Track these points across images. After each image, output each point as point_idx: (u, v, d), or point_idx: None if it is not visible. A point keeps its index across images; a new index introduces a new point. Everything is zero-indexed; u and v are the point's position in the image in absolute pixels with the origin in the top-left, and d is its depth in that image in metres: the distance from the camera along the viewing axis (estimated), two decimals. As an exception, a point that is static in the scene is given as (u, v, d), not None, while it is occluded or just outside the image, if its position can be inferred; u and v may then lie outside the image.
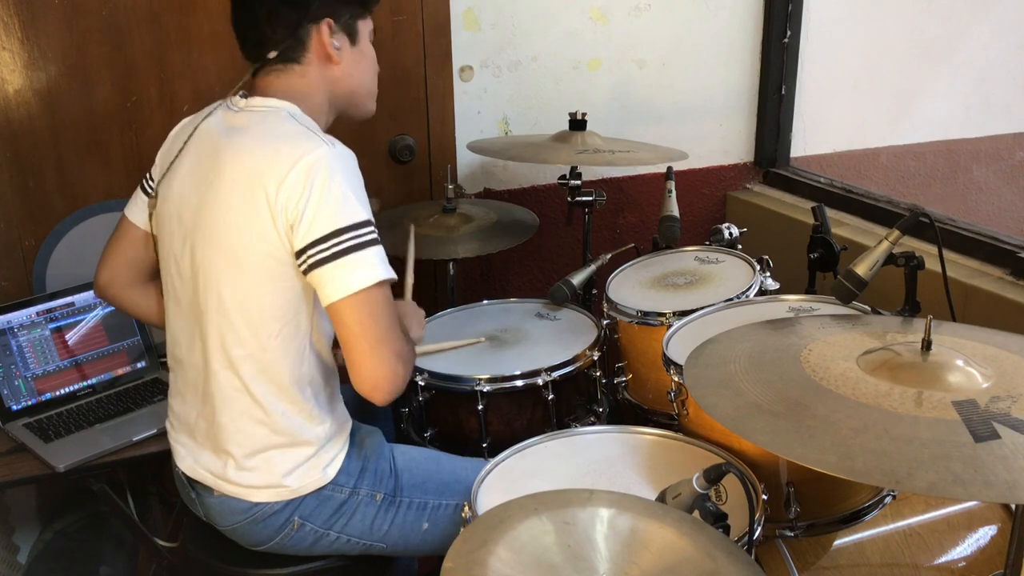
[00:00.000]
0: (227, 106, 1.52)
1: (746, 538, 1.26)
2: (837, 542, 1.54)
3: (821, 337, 1.40)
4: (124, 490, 2.04)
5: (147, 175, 1.63)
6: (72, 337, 2.00)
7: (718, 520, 1.17)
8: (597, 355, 1.85)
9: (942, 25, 3.06)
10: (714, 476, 1.20)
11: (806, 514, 1.45)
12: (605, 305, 1.95)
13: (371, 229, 1.38)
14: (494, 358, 1.87)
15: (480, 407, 1.75)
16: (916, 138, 3.16)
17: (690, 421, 1.58)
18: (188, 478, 1.58)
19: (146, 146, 2.14)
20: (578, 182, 2.25)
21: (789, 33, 2.81)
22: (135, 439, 1.82)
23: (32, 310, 1.96)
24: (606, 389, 1.92)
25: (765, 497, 1.35)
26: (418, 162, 2.43)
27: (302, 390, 1.49)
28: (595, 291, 2.19)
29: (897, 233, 1.55)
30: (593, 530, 1.12)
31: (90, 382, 2.01)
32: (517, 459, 1.52)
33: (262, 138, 1.42)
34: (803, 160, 2.99)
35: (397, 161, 2.40)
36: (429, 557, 1.67)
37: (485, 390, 1.75)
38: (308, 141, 1.39)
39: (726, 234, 2.17)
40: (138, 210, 1.62)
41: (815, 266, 2.02)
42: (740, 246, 2.15)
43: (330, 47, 1.50)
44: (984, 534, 1.59)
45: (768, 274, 1.95)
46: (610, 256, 2.18)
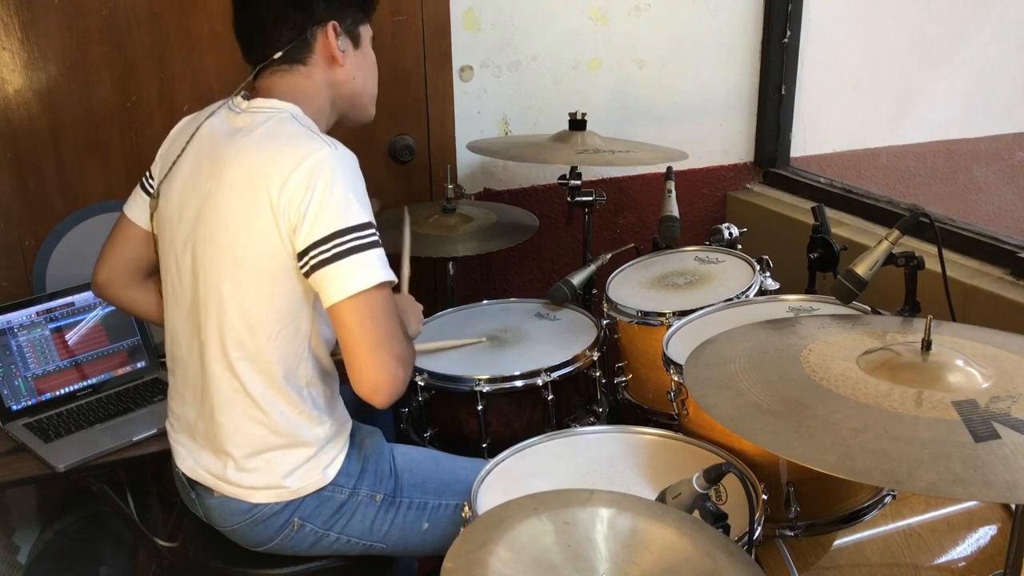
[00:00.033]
0: (229, 107, 1.52)
1: (746, 538, 1.26)
2: (837, 542, 1.54)
3: (821, 337, 1.40)
4: (124, 490, 2.04)
5: (147, 174, 1.63)
6: (72, 337, 2.00)
7: (718, 520, 1.17)
8: (597, 355, 1.85)
9: (942, 25, 3.06)
10: (714, 476, 1.20)
11: (806, 514, 1.45)
12: (605, 305, 1.94)
13: (372, 231, 1.38)
14: (494, 358, 1.87)
15: (480, 407, 1.75)
16: (916, 138, 3.16)
17: (690, 421, 1.58)
18: (188, 479, 1.58)
19: (146, 146, 2.14)
20: (578, 182, 2.25)
21: (789, 33, 2.81)
22: (135, 439, 1.83)
23: (32, 310, 1.96)
24: (606, 389, 1.92)
25: (765, 497, 1.35)
26: (418, 162, 2.43)
27: (301, 391, 1.49)
28: (595, 291, 2.19)
29: (897, 233, 1.55)
30: (593, 530, 1.12)
31: (90, 382, 2.01)
32: (517, 459, 1.52)
33: (265, 139, 1.42)
34: (803, 160, 2.99)
35: (397, 161, 2.40)
36: (429, 557, 1.67)
37: (485, 390, 1.75)
38: (311, 143, 1.39)
39: (726, 234, 2.17)
40: (138, 209, 1.62)
41: (815, 266, 2.02)
42: (740, 246, 2.15)
43: (335, 49, 1.51)
44: (984, 534, 1.59)
45: (768, 274, 1.95)
46: (610, 256, 2.18)
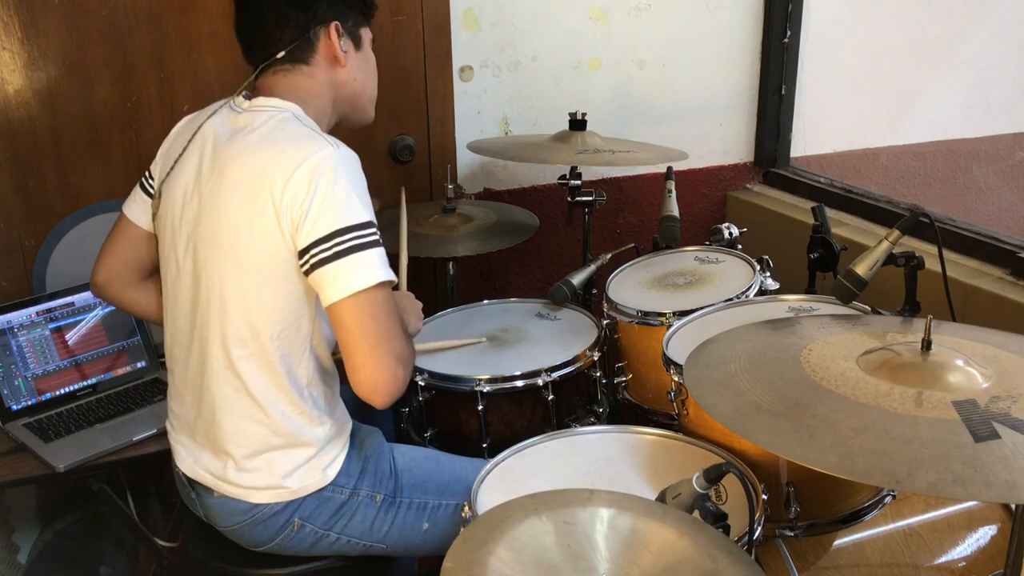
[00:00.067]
0: (230, 106, 1.52)
1: (746, 538, 1.26)
2: (837, 542, 1.54)
3: (821, 337, 1.40)
4: (124, 490, 2.04)
5: (147, 174, 1.63)
6: (72, 337, 2.00)
7: (718, 520, 1.17)
8: (597, 355, 1.85)
9: (942, 25, 3.06)
10: (714, 476, 1.20)
11: (806, 514, 1.45)
12: (605, 305, 1.94)
13: (373, 231, 1.38)
14: (494, 358, 1.87)
15: (480, 407, 1.75)
16: (916, 138, 3.16)
17: (690, 421, 1.58)
18: (188, 478, 1.58)
19: (146, 146, 2.14)
20: (578, 182, 2.25)
21: (789, 33, 2.81)
22: (135, 439, 1.82)
23: (32, 310, 1.96)
24: (606, 389, 1.92)
25: (765, 497, 1.35)
26: (418, 162, 2.43)
27: (302, 391, 1.49)
28: (595, 291, 2.19)
29: (897, 233, 1.55)
30: (593, 530, 1.12)
31: (90, 382, 2.01)
32: (517, 459, 1.52)
33: (267, 139, 1.42)
34: (803, 160, 2.99)
35: (397, 161, 2.40)
36: (429, 557, 1.67)
37: (485, 390, 1.75)
38: (313, 142, 1.40)
39: (726, 234, 2.17)
40: (137, 209, 1.62)
41: (815, 266, 2.02)
42: (740, 246, 2.15)
43: (338, 49, 1.52)
44: (984, 534, 1.59)
45: (768, 274, 1.95)
46: (610, 256, 2.18)
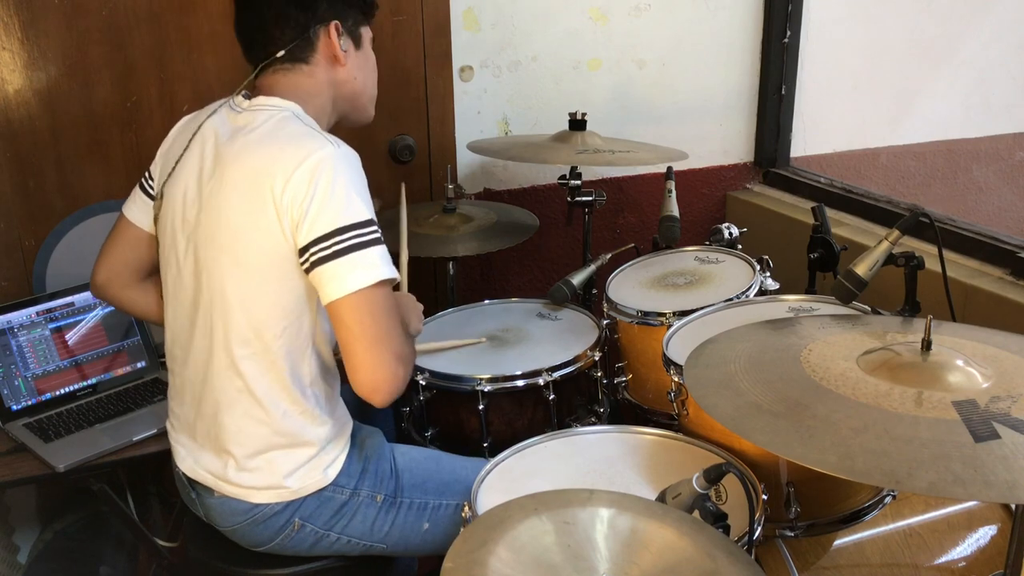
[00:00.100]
0: (230, 106, 1.52)
1: (746, 538, 1.26)
2: (837, 542, 1.54)
3: (821, 337, 1.40)
4: (124, 490, 2.04)
5: (147, 175, 1.63)
6: (72, 337, 2.00)
7: (718, 520, 1.17)
8: (598, 355, 1.85)
9: (942, 25, 3.06)
10: (714, 476, 1.20)
11: (806, 514, 1.45)
12: (605, 305, 1.94)
13: (374, 229, 1.38)
14: (495, 358, 1.87)
15: (481, 407, 1.75)
16: (916, 138, 3.16)
17: (690, 421, 1.58)
18: (188, 478, 1.58)
19: (146, 146, 2.14)
20: (578, 182, 2.25)
21: (789, 33, 2.81)
22: (135, 439, 1.82)
23: (32, 310, 1.96)
24: (607, 389, 1.92)
25: (765, 497, 1.35)
26: (418, 162, 2.43)
27: (304, 391, 1.49)
28: (595, 291, 2.19)
29: (897, 233, 1.55)
30: (593, 530, 1.12)
31: (90, 382, 2.01)
32: (517, 459, 1.52)
33: (267, 138, 1.43)
34: (803, 160, 2.99)
35: (397, 161, 2.40)
36: (429, 557, 1.67)
37: (486, 390, 1.75)
38: (313, 141, 1.40)
39: (726, 234, 2.17)
40: (137, 210, 1.62)
41: (815, 266, 2.02)
42: (740, 246, 2.15)
43: (338, 48, 1.52)
44: (984, 534, 1.59)
45: (768, 274, 1.95)
46: (610, 256, 2.18)
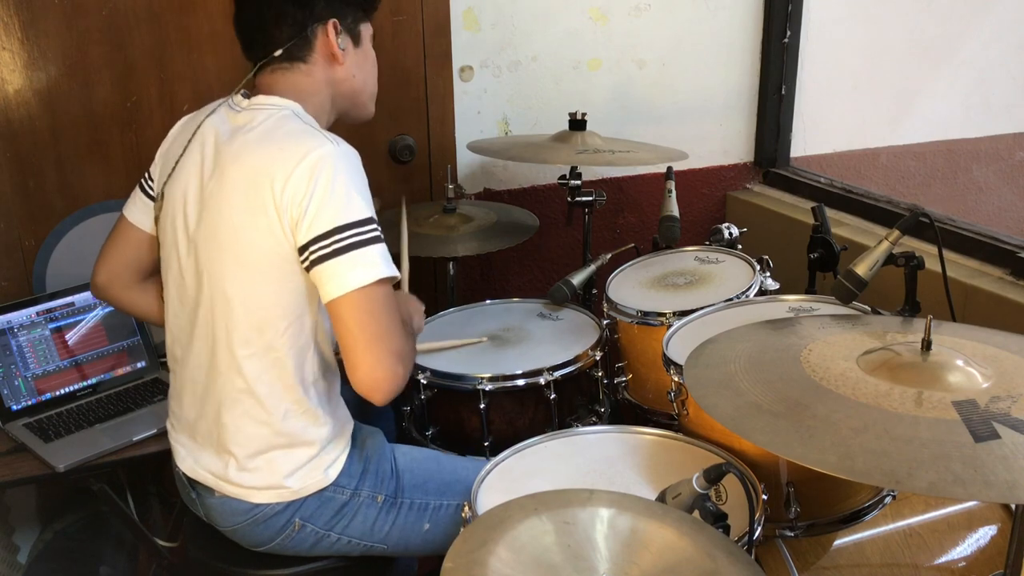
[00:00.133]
0: (229, 105, 1.52)
1: (746, 538, 1.26)
2: (837, 542, 1.54)
3: (821, 337, 1.40)
4: (124, 490, 2.04)
5: (146, 175, 1.63)
6: (72, 337, 2.00)
7: (718, 520, 1.17)
8: (599, 355, 1.85)
9: (942, 25, 3.06)
10: (714, 476, 1.20)
11: (806, 514, 1.45)
12: (605, 305, 1.94)
13: (374, 227, 1.38)
14: (496, 357, 1.87)
15: (482, 406, 1.75)
16: (916, 138, 3.16)
17: (690, 421, 1.58)
18: (189, 478, 1.58)
19: (146, 146, 2.14)
20: (578, 182, 2.25)
21: (789, 33, 2.81)
22: (135, 439, 1.82)
23: (32, 310, 1.96)
24: (607, 389, 1.92)
25: (765, 497, 1.35)
26: (418, 162, 2.43)
27: (306, 390, 1.49)
28: (595, 291, 2.19)
29: (897, 233, 1.55)
30: (593, 530, 1.12)
31: (90, 382, 2.01)
32: (517, 459, 1.52)
33: (266, 137, 1.43)
34: (803, 160, 2.99)
35: (397, 161, 2.40)
36: (429, 557, 1.67)
37: (487, 389, 1.75)
38: (313, 139, 1.40)
39: (726, 234, 2.17)
40: (138, 211, 1.62)
41: (815, 266, 2.02)
42: (740, 246, 2.15)
43: (336, 47, 1.51)
44: (984, 534, 1.59)
45: (768, 274, 1.95)
46: (610, 256, 2.18)
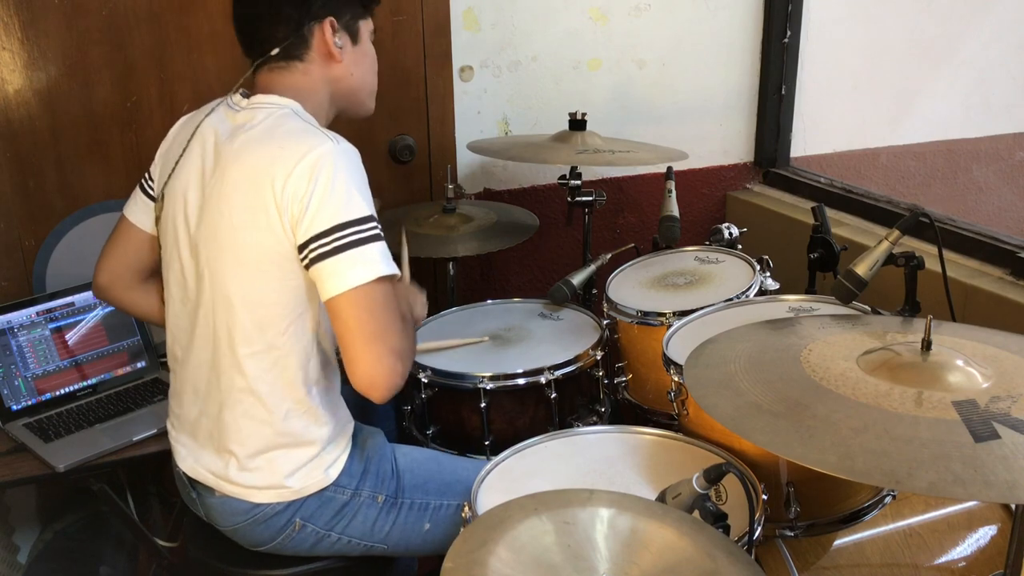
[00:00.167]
0: (228, 104, 1.52)
1: (746, 538, 1.26)
2: (837, 542, 1.54)
3: (821, 337, 1.40)
4: (124, 490, 2.04)
5: (146, 176, 1.63)
6: (72, 337, 2.00)
7: (718, 520, 1.17)
8: (600, 355, 1.85)
9: (942, 25, 3.06)
10: (714, 476, 1.20)
11: (806, 514, 1.45)
12: (605, 305, 1.94)
13: (374, 225, 1.38)
14: (497, 356, 1.87)
15: (483, 405, 1.75)
16: (916, 138, 3.16)
17: (690, 421, 1.58)
18: (189, 478, 1.58)
19: (146, 146, 2.14)
20: (578, 182, 2.25)
21: (789, 33, 2.81)
22: (135, 439, 1.82)
23: (32, 310, 1.96)
24: (608, 389, 1.92)
25: (765, 497, 1.35)
26: (418, 162, 2.43)
27: (308, 389, 1.49)
28: (595, 291, 2.19)
29: (897, 233, 1.55)
30: (593, 530, 1.12)
31: (90, 382, 2.01)
32: (517, 459, 1.52)
33: (267, 135, 1.43)
34: (803, 160, 2.99)
35: (397, 161, 2.40)
36: (429, 557, 1.67)
37: (488, 388, 1.75)
38: (313, 137, 1.40)
39: (726, 234, 2.17)
40: (138, 211, 1.62)
41: (815, 266, 2.02)
42: (740, 246, 2.15)
43: (332, 45, 1.51)
44: (984, 534, 1.59)
45: (768, 274, 1.95)
46: (610, 256, 2.18)
